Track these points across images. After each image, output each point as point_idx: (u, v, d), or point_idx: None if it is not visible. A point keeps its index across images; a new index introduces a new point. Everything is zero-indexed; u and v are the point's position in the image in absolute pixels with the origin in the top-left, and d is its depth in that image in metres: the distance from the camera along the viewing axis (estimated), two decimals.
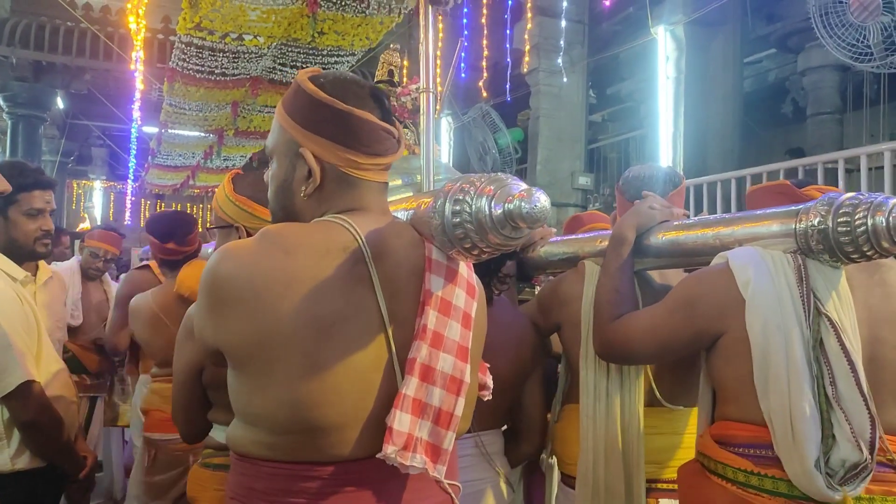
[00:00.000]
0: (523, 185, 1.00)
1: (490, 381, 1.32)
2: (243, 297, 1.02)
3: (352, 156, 1.12)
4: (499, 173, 1.04)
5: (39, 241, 2.04)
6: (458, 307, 1.10)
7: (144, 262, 3.38)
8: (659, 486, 1.69)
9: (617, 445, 1.66)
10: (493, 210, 0.98)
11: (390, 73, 2.34)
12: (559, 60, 7.74)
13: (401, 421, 1.03)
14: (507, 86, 7.51)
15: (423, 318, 1.07)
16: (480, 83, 7.33)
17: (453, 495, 1.14)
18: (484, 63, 7.44)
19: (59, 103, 10.09)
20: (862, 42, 5.28)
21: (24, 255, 2.02)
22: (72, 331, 3.62)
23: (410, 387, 1.04)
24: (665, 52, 7.30)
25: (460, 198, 1.00)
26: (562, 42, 7.75)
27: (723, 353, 1.36)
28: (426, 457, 1.05)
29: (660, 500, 1.68)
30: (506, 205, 0.97)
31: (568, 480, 1.82)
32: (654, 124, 7.55)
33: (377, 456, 1.02)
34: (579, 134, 8.80)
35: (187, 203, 14.44)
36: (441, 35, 7.52)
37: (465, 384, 1.09)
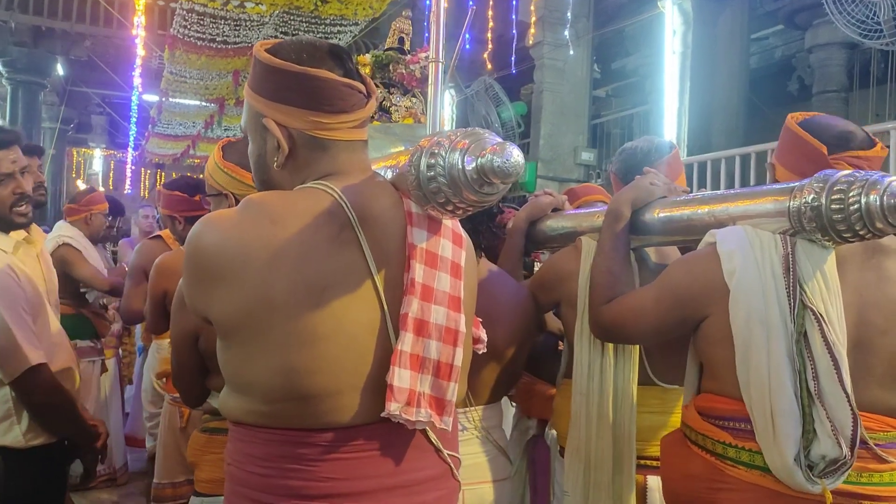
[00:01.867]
0: (497, 140, 0.98)
1: (484, 335, 1.31)
2: (230, 267, 1.02)
3: (315, 117, 1.10)
4: (476, 128, 1.01)
5: (14, 207, 1.86)
6: (445, 258, 1.10)
7: (157, 234, 3.38)
8: (649, 463, 1.70)
9: (608, 422, 1.67)
10: (465, 164, 0.96)
11: (401, 40, 2.32)
12: (566, 33, 7.64)
13: (401, 377, 1.03)
14: (513, 58, 7.43)
15: (410, 272, 1.06)
16: (485, 55, 7.26)
17: (452, 466, 1.14)
18: (489, 35, 7.35)
19: (59, 70, 10.02)
20: (871, 18, 5.21)
21: (2, 226, 1.88)
22: (80, 295, 3.65)
23: (406, 342, 1.04)
24: (672, 26, 7.20)
25: (436, 151, 0.98)
26: (568, 14, 7.64)
27: (707, 335, 1.36)
28: (431, 410, 1.05)
29: (647, 476, 1.69)
30: (478, 159, 0.95)
31: (563, 452, 1.83)
32: (658, 100, 7.47)
33: (381, 415, 1.02)
34: (583, 109, 8.72)
35: (188, 173, 14.39)
36: (446, 5, 7.41)
37: (461, 334, 1.09)
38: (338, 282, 1.04)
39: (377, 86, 2.57)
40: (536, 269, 2.26)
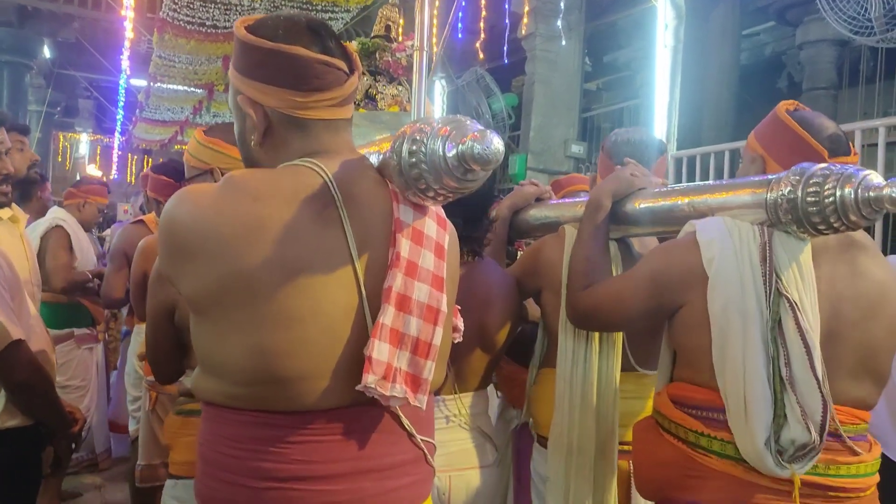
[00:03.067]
0: (478, 127, 0.97)
1: (461, 324, 1.31)
2: (206, 244, 1.00)
3: (289, 95, 1.08)
4: (459, 115, 1.01)
5: None
6: (430, 237, 1.09)
7: (139, 218, 3.35)
8: (630, 448, 1.69)
9: (591, 409, 1.68)
10: (446, 151, 0.96)
11: (387, 28, 2.31)
12: (558, 24, 7.62)
13: (380, 350, 1.02)
14: (505, 48, 7.41)
15: (396, 247, 1.05)
16: (477, 45, 7.22)
17: (426, 451, 1.14)
18: (482, 25, 7.32)
19: (46, 52, 9.91)
20: (863, 15, 5.22)
21: None
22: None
23: (387, 316, 1.03)
24: (664, 20, 7.19)
25: (417, 138, 0.98)
26: (561, 5, 7.62)
27: (683, 322, 1.37)
28: (406, 386, 1.05)
29: (630, 461, 1.70)
30: (459, 146, 0.95)
31: (542, 441, 1.85)
32: (649, 94, 7.45)
33: (357, 387, 1.01)
34: (574, 101, 8.71)
35: (175, 159, 14.26)
36: None
37: (442, 313, 1.08)
38: (317, 262, 1.02)
39: (363, 73, 2.54)
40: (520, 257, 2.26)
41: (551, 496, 1.74)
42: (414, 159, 0.98)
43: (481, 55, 7.67)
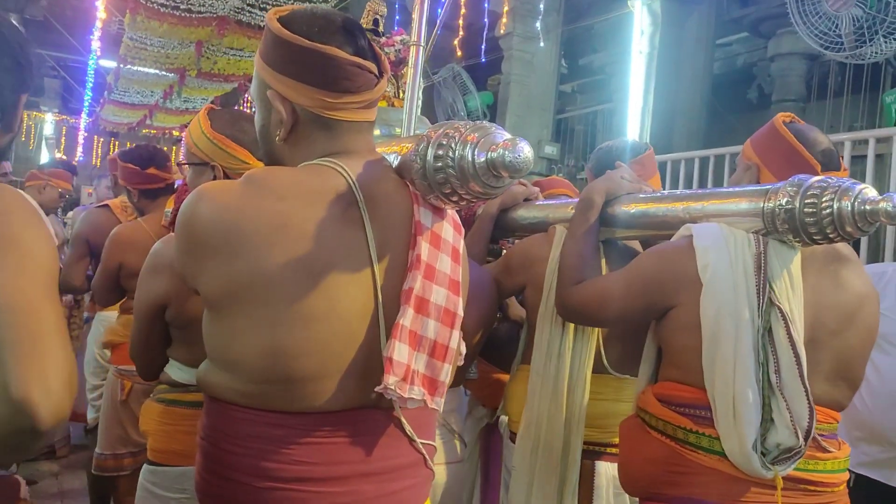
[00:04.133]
0: (507, 135, 0.99)
1: (464, 348, 1.32)
2: (228, 242, 0.99)
3: (320, 95, 1.07)
4: (483, 121, 1.03)
5: None
6: (447, 241, 1.10)
7: (103, 202, 3.28)
8: (598, 448, 1.76)
9: (561, 405, 1.71)
10: (476, 157, 0.97)
11: (375, 22, 2.27)
12: (537, 25, 7.67)
13: (399, 351, 1.02)
14: (483, 46, 7.43)
15: (416, 249, 1.06)
16: (456, 42, 7.22)
17: (426, 455, 1.14)
18: (460, 22, 7.32)
19: None
20: (833, 31, 5.36)
21: None
22: None
23: (407, 318, 1.03)
24: (640, 26, 7.28)
25: (444, 143, 1.00)
26: (541, 6, 7.67)
27: (673, 323, 1.41)
28: (424, 389, 1.05)
29: (596, 462, 1.75)
30: (489, 153, 0.97)
31: (514, 437, 1.85)
32: (623, 99, 7.54)
33: (377, 389, 1.01)
34: (548, 103, 8.77)
35: (143, 143, 14.00)
36: None
37: (459, 317, 1.09)
38: (337, 263, 1.02)
39: None
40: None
41: (515, 487, 1.77)
42: (440, 164, 0.99)
43: (459, 52, 7.68)
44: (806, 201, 1.22)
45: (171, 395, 1.77)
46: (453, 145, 0.99)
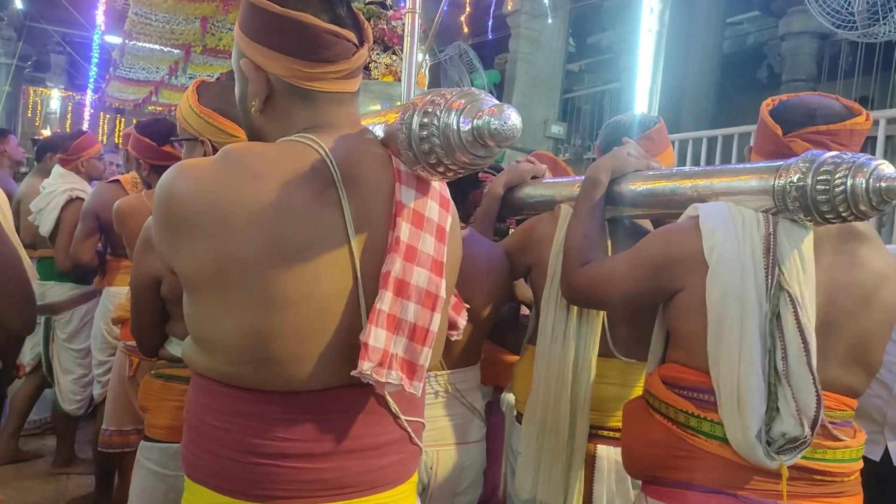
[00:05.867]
0: (494, 101, 0.95)
1: (461, 322, 1.30)
2: (203, 221, 0.97)
3: (294, 64, 1.04)
4: (472, 88, 0.98)
5: None
6: (431, 220, 1.07)
7: (115, 177, 3.27)
8: (601, 433, 1.73)
9: (566, 388, 1.69)
10: (461, 125, 0.93)
11: None
12: (545, 1, 7.57)
13: (376, 336, 1.00)
14: (490, 23, 7.35)
15: (395, 231, 1.03)
16: (462, 19, 7.15)
17: (411, 432, 1.13)
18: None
19: (18, 3, 9.56)
20: (846, 9, 5.28)
21: None
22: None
23: (385, 302, 1.01)
24: (650, 3, 7.19)
25: (429, 110, 0.95)
26: None
27: (679, 306, 1.37)
28: (402, 373, 1.03)
29: (598, 445, 1.73)
30: (474, 120, 0.92)
31: (520, 418, 1.85)
32: (630, 78, 7.47)
33: (352, 373, 1.00)
34: (555, 82, 8.71)
35: (161, 119, 13.92)
36: None
37: (441, 299, 1.06)
38: (314, 244, 1.00)
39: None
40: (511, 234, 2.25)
41: (521, 470, 1.76)
42: (425, 132, 0.95)
43: (466, 29, 7.61)
44: (818, 178, 1.18)
45: (169, 371, 1.78)
46: (438, 112, 0.94)
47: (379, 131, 1.12)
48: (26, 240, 3.47)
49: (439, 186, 1.11)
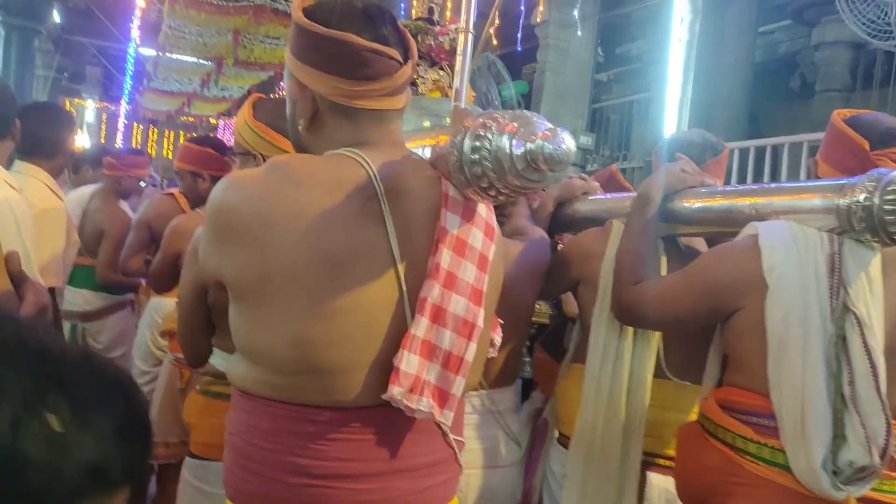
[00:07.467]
0: (548, 125, 0.95)
1: (498, 339, 1.29)
2: (250, 228, 0.99)
3: (337, 82, 1.06)
4: (524, 110, 0.98)
5: None
6: (473, 248, 1.07)
7: (169, 190, 3.32)
8: (655, 460, 1.67)
9: (619, 411, 1.64)
10: (513, 149, 0.92)
11: (430, 10, 2.26)
12: (574, 13, 7.57)
13: (409, 362, 1.00)
14: (519, 34, 7.36)
15: (436, 257, 1.03)
16: (491, 30, 7.17)
17: (456, 450, 1.13)
18: (495, 11, 7.26)
19: (56, 17, 9.78)
20: (882, 19, 5.22)
21: None
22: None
23: (420, 327, 1.01)
24: (680, 13, 7.14)
25: (481, 133, 0.95)
26: None
27: (737, 328, 1.34)
28: (433, 401, 1.03)
29: (648, 472, 1.67)
30: (527, 144, 0.92)
31: (563, 440, 1.80)
32: (660, 88, 7.42)
33: (382, 397, 1.00)
34: (584, 92, 8.67)
35: (181, 131, 14.17)
36: None
37: (478, 328, 1.06)
38: (358, 256, 1.01)
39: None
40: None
41: (567, 494, 1.69)
42: (476, 156, 0.95)
43: (495, 41, 7.62)
44: (886, 197, 1.15)
45: (214, 388, 1.78)
46: (491, 136, 0.94)
47: (426, 153, 1.13)
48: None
49: (486, 214, 1.10)
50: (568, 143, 0.92)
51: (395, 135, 1.13)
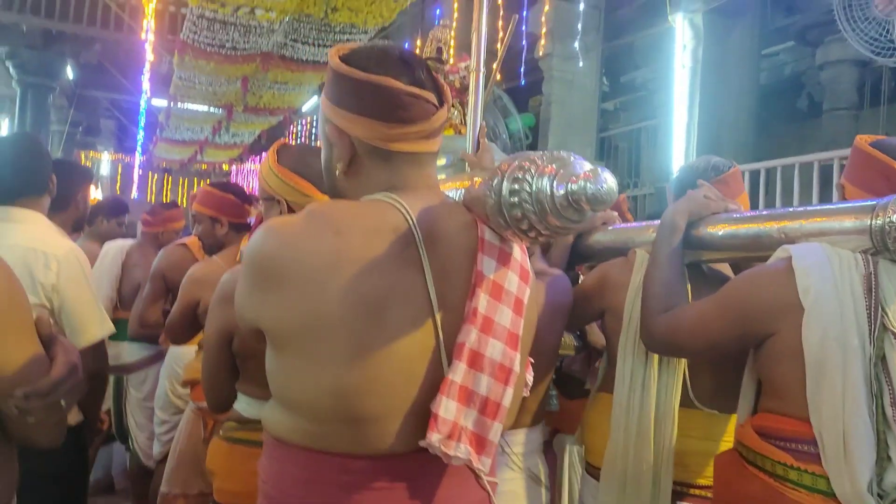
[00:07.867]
0: (588, 165, 0.95)
1: (531, 379, 1.28)
2: (289, 276, 0.99)
3: (375, 125, 1.07)
4: (560, 151, 0.99)
5: None
6: (510, 292, 1.06)
7: (181, 241, 3.34)
8: (688, 490, 1.66)
9: (648, 440, 1.63)
10: (555, 190, 0.93)
11: (439, 50, 2.30)
12: (575, 45, 7.66)
13: (447, 408, 0.99)
14: (522, 68, 7.45)
15: (473, 301, 1.03)
16: (494, 66, 7.26)
17: (490, 492, 1.12)
18: (499, 46, 7.36)
19: (69, 73, 10.03)
20: (884, 36, 5.24)
21: None
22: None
23: (458, 373, 1.00)
24: (682, 40, 7.21)
25: (519, 176, 0.95)
26: (579, 26, 7.67)
27: (772, 352, 1.32)
28: (471, 447, 1.02)
29: (679, 503, 1.65)
30: (569, 185, 0.92)
31: (592, 471, 1.80)
32: (667, 114, 7.48)
33: (420, 443, 0.99)
34: (591, 122, 8.72)
35: (195, 178, 14.37)
36: (455, 14, 7.46)
37: (515, 374, 1.05)
38: (396, 301, 1.01)
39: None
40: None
41: None
42: (516, 199, 0.95)
43: (499, 76, 7.71)
44: None
45: (238, 434, 1.77)
46: (529, 178, 0.95)
47: (454, 195, 1.14)
48: None
49: (521, 258, 1.10)
50: (610, 182, 0.92)
51: (430, 178, 1.14)
